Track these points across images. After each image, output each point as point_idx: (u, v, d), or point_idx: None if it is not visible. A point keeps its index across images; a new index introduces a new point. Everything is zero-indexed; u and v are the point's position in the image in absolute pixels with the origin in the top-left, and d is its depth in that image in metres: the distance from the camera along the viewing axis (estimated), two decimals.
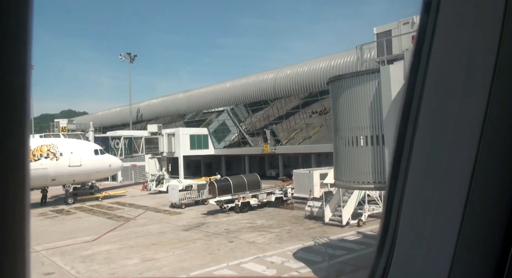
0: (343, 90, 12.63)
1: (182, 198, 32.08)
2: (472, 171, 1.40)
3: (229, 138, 57.44)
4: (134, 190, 46.96)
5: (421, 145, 1.56)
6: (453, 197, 1.46)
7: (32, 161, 33.17)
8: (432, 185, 1.53)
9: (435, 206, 1.52)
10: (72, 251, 20.24)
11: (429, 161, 1.54)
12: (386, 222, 1.70)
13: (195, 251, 19.32)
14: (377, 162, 11.86)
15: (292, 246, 19.48)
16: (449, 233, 1.45)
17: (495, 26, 1.38)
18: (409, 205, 1.60)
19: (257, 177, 31.33)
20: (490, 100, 1.38)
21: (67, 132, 43.53)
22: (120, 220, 28.29)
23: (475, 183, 1.40)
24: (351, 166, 12.58)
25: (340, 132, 13.05)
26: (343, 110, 12.80)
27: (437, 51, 1.52)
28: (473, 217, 1.42)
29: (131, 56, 63.64)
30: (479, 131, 1.40)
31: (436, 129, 1.53)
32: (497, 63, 1.37)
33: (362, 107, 12.17)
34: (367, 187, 12.82)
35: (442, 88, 1.52)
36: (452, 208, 1.46)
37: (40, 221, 29.33)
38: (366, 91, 12.05)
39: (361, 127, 12.23)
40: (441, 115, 1.51)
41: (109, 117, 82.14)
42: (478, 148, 1.40)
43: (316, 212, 24.94)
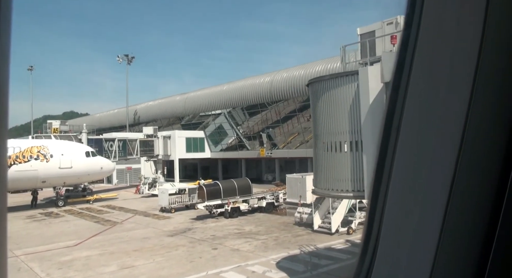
0: (322, 92, 12.04)
1: (172, 202, 31.48)
2: (454, 172, 1.43)
3: (225, 141, 56.80)
4: (128, 193, 46.43)
5: (404, 146, 1.58)
6: (435, 198, 1.47)
7: (22, 162, 32.78)
8: (415, 186, 1.55)
9: (418, 207, 1.53)
10: (52, 257, 19.69)
11: (412, 162, 1.57)
12: (370, 223, 1.72)
13: (176, 259, 18.72)
14: (357, 169, 11.25)
15: (277, 254, 18.85)
16: (431, 233, 1.47)
17: (477, 25, 1.41)
18: (392, 206, 1.62)
19: (248, 182, 30.70)
20: (472, 99, 1.41)
21: (59, 134, 43.06)
22: (106, 224, 27.72)
23: (457, 184, 1.43)
24: (330, 173, 11.96)
25: (319, 137, 12.44)
26: (322, 114, 12.19)
27: (421, 51, 1.54)
28: (455, 218, 1.44)
29: (129, 58, 63.32)
30: (461, 131, 1.42)
31: (419, 131, 1.54)
32: (479, 63, 1.40)
33: (341, 111, 11.56)
34: (346, 196, 12.20)
35: (425, 88, 1.54)
36: (434, 209, 1.47)
37: (27, 224, 28.84)
38: (345, 94, 11.45)
39: (340, 132, 11.61)
40: (424, 116, 1.53)
41: (107, 119, 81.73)
42: (460, 148, 1.42)
43: (306, 219, 24.28)
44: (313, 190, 13.56)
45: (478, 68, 1.40)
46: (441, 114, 1.49)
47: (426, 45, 1.54)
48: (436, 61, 1.51)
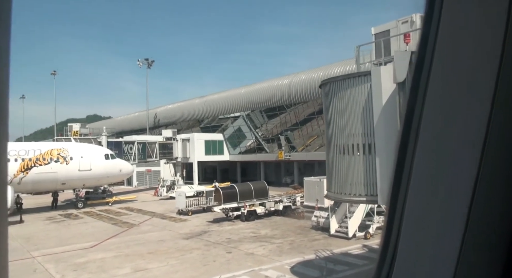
0: (334, 94, 11.71)
1: (188, 205, 31.45)
2: (476, 175, 1.40)
3: (244, 144, 56.70)
4: (147, 195, 46.72)
5: (424, 149, 1.56)
6: (457, 202, 1.45)
7: (42, 164, 33.31)
8: (436, 190, 1.52)
9: (439, 212, 1.50)
10: (68, 258, 19.81)
11: (432, 166, 1.54)
12: (389, 228, 1.69)
13: (190, 262, 18.59)
14: (370, 173, 10.87)
15: (292, 259, 18.51)
16: (454, 238, 1.44)
17: (499, 24, 1.37)
18: (412, 210, 1.59)
19: (264, 185, 30.43)
20: (494, 101, 1.38)
21: (79, 137, 43.69)
22: (124, 226, 27.86)
23: (479, 187, 1.40)
24: (342, 176, 11.60)
25: (332, 139, 12.11)
26: (334, 116, 11.86)
27: (440, 51, 1.51)
28: (478, 222, 1.41)
29: (149, 62, 63.90)
30: (483, 134, 1.39)
31: (439, 133, 1.52)
32: (502, 63, 1.37)
33: (353, 113, 11.22)
34: (359, 200, 11.82)
35: (446, 90, 1.52)
36: (456, 213, 1.45)
37: (46, 225, 29.24)
38: (357, 95, 11.10)
39: (352, 135, 11.26)
40: (444, 118, 1.51)
41: (128, 122, 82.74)
42: (482, 151, 1.39)
43: (323, 223, 23.84)
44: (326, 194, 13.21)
45: (501, 68, 1.37)
46: (463, 116, 1.46)
47: (446, 44, 1.51)
48: (456, 61, 1.49)
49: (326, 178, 13.25)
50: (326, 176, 13.20)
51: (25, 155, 32.62)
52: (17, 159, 32.16)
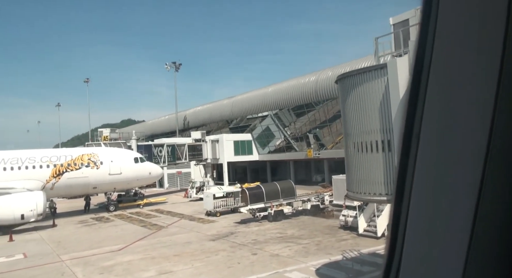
0: (350, 89, 11.18)
1: (217, 206, 31.40)
2: (483, 169, 1.38)
3: (273, 143, 56.30)
4: (177, 197, 47.13)
5: (427, 149, 1.53)
6: (463, 200, 1.43)
7: (74, 170, 34.10)
8: (440, 188, 1.50)
9: (444, 210, 1.48)
10: (95, 262, 20.06)
11: (435, 166, 1.52)
12: (395, 228, 1.66)
13: (214, 264, 18.43)
14: (389, 170, 10.30)
15: (318, 260, 18.04)
16: (461, 236, 1.42)
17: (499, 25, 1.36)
18: (417, 209, 1.57)
19: (291, 184, 29.98)
20: (498, 96, 1.36)
21: (109, 141, 44.53)
22: (152, 228, 28.08)
23: (486, 181, 1.38)
24: (361, 175, 11.06)
25: (350, 137, 11.58)
26: (352, 112, 11.34)
27: (439, 46, 1.50)
28: (485, 220, 1.39)
29: (176, 65, 64.54)
30: (488, 128, 1.37)
31: (441, 134, 1.50)
32: (504, 57, 1.35)
33: (371, 109, 10.66)
34: (380, 200, 11.24)
35: (446, 87, 1.49)
36: (462, 211, 1.43)
37: (78, 228, 29.88)
38: (374, 90, 10.53)
39: (371, 131, 10.71)
40: (446, 120, 1.49)
41: (159, 125, 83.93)
42: (487, 149, 1.38)
43: (351, 222, 23.20)
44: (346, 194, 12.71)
45: (504, 62, 1.33)
46: (465, 118, 1.43)
47: (445, 39, 1.47)
48: (457, 56, 1.45)
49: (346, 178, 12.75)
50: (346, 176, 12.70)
51: (57, 161, 33.46)
52: (49, 165, 33.05)
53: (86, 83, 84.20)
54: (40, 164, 32.85)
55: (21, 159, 32.31)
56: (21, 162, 32.17)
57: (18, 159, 32.17)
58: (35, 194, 29.08)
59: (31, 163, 32.50)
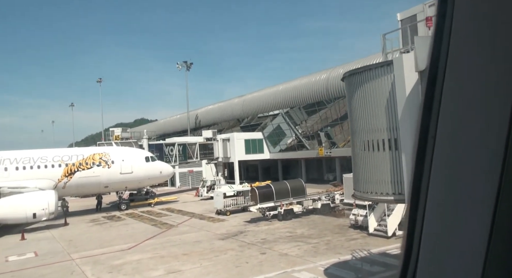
0: (357, 86, 10.96)
1: (227, 205, 31.36)
2: (501, 170, 1.35)
3: (284, 141, 56.06)
4: (189, 195, 47.23)
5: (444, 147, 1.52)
6: (481, 198, 1.40)
7: (85, 169, 34.36)
8: (458, 186, 1.48)
9: (462, 208, 1.47)
10: (105, 260, 20.16)
11: (452, 164, 1.50)
12: (411, 227, 1.64)
13: (223, 263, 18.36)
14: (396, 170, 10.07)
15: (327, 260, 17.84)
16: (480, 234, 1.40)
17: None
18: (433, 208, 1.56)
19: (301, 183, 29.76)
20: None
21: (120, 141, 44.79)
22: (163, 227, 28.16)
23: (505, 182, 1.35)
24: (368, 174, 10.85)
25: (356, 135, 11.36)
26: (358, 110, 11.12)
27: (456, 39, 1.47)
28: (505, 216, 1.36)
29: (187, 64, 64.64)
30: (506, 129, 1.34)
31: (459, 127, 1.48)
32: None
33: (377, 106, 10.43)
34: (386, 200, 10.99)
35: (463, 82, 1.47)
36: (480, 210, 1.40)
37: (89, 227, 30.11)
38: (381, 87, 10.30)
39: (377, 130, 10.48)
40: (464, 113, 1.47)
41: (171, 124, 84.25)
42: (506, 147, 1.35)
43: (361, 221, 22.92)
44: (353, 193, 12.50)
45: None
46: (482, 115, 1.40)
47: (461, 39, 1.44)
48: (473, 56, 1.42)
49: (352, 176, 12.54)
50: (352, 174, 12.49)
51: (68, 161, 33.76)
52: (60, 165, 33.35)
53: (99, 83, 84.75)
54: (52, 164, 33.17)
55: (33, 158, 32.67)
56: (33, 161, 32.52)
57: (30, 159, 32.52)
58: (47, 193, 29.36)
59: (43, 163, 32.84)
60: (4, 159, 31.57)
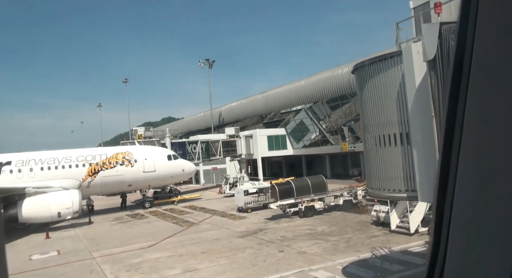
0: (367, 79, 10.49)
1: (247, 202, 31.18)
2: None
3: (307, 137, 55.48)
4: (212, 193, 47.39)
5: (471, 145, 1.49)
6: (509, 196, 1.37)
7: (108, 168, 34.85)
8: (485, 186, 1.45)
9: (490, 205, 1.43)
10: (124, 259, 20.32)
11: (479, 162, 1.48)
12: (438, 224, 1.64)
13: (239, 262, 18.17)
14: (408, 165, 9.56)
15: (346, 258, 17.39)
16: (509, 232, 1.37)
17: None
18: (461, 206, 1.54)
19: (322, 179, 29.25)
20: None
21: (143, 139, 45.27)
22: (184, 225, 28.23)
23: None
24: (380, 170, 10.36)
25: (368, 130, 10.89)
26: (369, 104, 10.64)
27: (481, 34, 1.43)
28: None
29: (210, 62, 64.77)
30: None
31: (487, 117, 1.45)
32: None
33: (388, 99, 9.92)
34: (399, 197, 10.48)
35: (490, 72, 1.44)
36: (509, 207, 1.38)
37: (112, 225, 30.51)
38: (391, 79, 9.79)
39: (388, 124, 9.98)
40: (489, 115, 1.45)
41: (195, 122, 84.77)
42: None
43: (383, 218, 22.29)
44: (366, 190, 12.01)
45: None
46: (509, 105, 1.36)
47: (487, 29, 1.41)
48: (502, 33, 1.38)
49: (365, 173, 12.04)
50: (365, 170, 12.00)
51: (92, 160, 34.31)
52: (84, 164, 33.94)
53: (125, 84, 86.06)
54: (76, 164, 33.79)
55: (58, 159, 33.34)
56: (57, 161, 33.20)
57: (55, 159, 33.21)
58: (71, 193, 29.92)
59: (67, 163, 33.49)
60: (30, 160, 32.35)
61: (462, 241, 1.54)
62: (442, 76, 7.64)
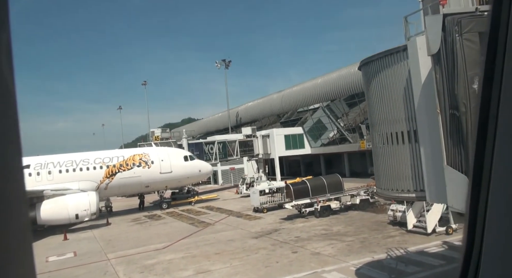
0: (374, 75, 10.14)
1: (263, 202, 30.99)
2: None
3: (325, 135, 54.87)
4: (230, 193, 47.34)
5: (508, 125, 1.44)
6: None
7: (126, 170, 35.16)
8: None
9: None
10: (138, 260, 20.39)
11: None
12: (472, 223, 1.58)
13: (252, 263, 18.01)
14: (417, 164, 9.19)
15: (360, 259, 17.02)
16: None
17: None
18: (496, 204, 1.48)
19: (338, 178, 28.82)
20: None
21: (160, 141, 45.56)
22: (199, 226, 28.24)
23: None
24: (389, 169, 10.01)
25: (375, 127, 10.54)
26: (376, 101, 10.29)
27: None
28: None
29: (226, 62, 64.77)
30: None
31: None
32: None
33: (395, 95, 9.57)
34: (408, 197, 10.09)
35: None
36: None
37: (129, 227, 30.76)
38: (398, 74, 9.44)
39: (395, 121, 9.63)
40: None
41: (213, 123, 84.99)
42: None
43: (400, 217, 21.77)
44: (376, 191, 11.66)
45: None
46: None
47: None
48: None
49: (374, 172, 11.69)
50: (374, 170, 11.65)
51: (109, 162, 34.68)
52: (102, 166, 34.33)
53: (144, 86, 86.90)
54: (93, 166, 34.21)
55: (76, 161, 33.81)
56: (75, 164, 33.67)
57: (72, 162, 33.69)
58: (88, 195, 30.28)
59: (85, 165, 33.93)
60: (48, 163, 32.88)
61: (498, 243, 1.49)
62: (447, 70, 7.29)
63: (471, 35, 7.02)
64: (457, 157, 7.27)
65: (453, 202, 7.49)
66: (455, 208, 7.46)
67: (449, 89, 7.31)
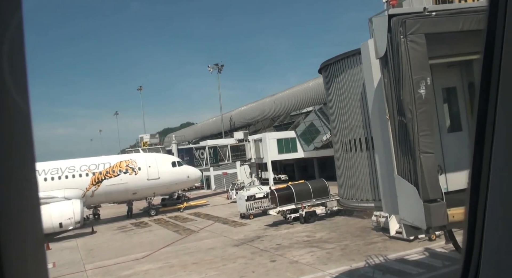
0: (333, 79, 9.73)
1: (249, 208, 30.51)
2: None
3: (318, 139, 54.40)
4: (220, 198, 46.87)
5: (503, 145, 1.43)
6: None
7: (112, 177, 34.74)
8: None
9: None
10: (115, 271, 19.96)
11: None
12: (471, 225, 1.57)
13: (228, 273, 17.55)
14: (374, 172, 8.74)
15: (337, 268, 16.57)
16: None
17: None
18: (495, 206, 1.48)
19: (324, 183, 28.16)
20: None
21: (148, 147, 45.14)
22: (183, 233, 27.79)
23: None
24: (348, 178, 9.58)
25: (336, 134, 10.12)
26: (335, 106, 9.88)
27: None
28: None
29: (219, 67, 64.46)
30: None
31: None
32: None
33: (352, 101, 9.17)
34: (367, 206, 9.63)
35: None
36: None
37: (114, 235, 30.30)
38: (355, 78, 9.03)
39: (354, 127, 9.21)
40: None
41: (208, 127, 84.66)
42: None
43: (383, 223, 21.28)
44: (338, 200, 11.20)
45: None
46: None
47: None
48: None
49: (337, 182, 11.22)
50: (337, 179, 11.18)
51: (95, 169, 34.25)
52: (88, 174, 33.89)
53: (139, 91, 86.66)
54: (79, 173, 33.78)
55: (61, 169, 33.38)
56: (61, 172, 33.24)
57: (58, 169, 33.26)
58: (72, 203, 29.84)
59: (70, 173, 33.50)
60: None
61: (498, 244, 1.47)
62: (393, 74, 6.88)
63: (416, 36, 6.61)
64: (406, 166, 6.85)
65: (404, 214, 7.07)
66: (406, 221, 7.03)
67: (397, 94, 6.91)
